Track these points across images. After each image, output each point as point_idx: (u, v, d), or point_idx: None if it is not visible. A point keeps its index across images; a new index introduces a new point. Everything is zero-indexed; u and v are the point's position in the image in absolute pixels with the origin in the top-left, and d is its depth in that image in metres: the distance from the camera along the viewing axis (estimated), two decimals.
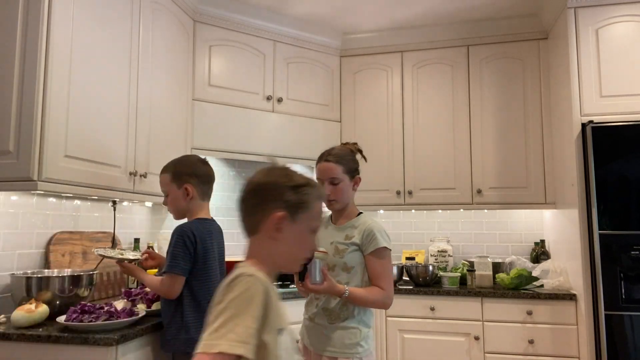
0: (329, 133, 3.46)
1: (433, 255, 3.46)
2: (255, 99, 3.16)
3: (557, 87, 3.02)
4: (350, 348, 1.75)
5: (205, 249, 1.86)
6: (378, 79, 3.51)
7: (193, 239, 1.82)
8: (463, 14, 3.25)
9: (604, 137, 2.60)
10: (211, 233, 1.92)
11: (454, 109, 3.35)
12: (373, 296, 1.76)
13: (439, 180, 3.32)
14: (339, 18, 3.32)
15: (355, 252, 1.81)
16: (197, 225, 1.87)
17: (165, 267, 1.81)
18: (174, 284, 1.79)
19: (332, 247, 1.84)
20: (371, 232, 1.79)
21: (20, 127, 1.77)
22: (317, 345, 1.81)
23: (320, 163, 1.88)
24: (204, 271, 1.86)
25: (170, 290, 1.80)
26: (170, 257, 1.80)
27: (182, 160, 1.97)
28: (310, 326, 1.86)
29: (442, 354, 2.90)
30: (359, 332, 1.77)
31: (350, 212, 1.91)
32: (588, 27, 2.75)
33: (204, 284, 1.86)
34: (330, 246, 1.85)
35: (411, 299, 2.98)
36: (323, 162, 1.87)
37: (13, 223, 2.06)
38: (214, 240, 1.93)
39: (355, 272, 1.80)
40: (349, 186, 1.88)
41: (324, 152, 1.91)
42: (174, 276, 1.79)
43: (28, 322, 1.73)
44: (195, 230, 1.84)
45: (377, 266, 1.79)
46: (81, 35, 1.99)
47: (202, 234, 1.86)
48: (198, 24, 2.99)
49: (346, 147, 1.96)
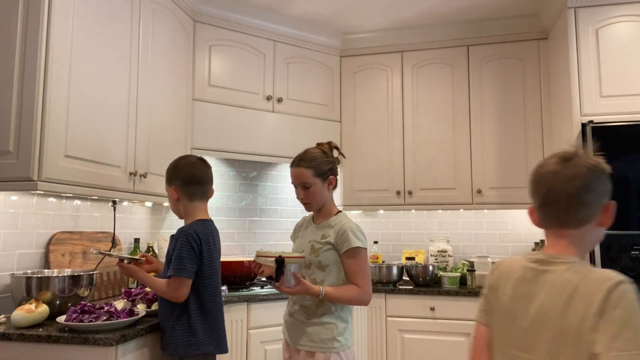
0: (329, 133, 3.46)
1: (433, 255, 3.46)
2: (255, 99, 3.16)
3: (557, 87, 3.02)
4: (327, 343, 1.80)
5: (209, 251, 1.86)
6: (378, 79, 3.51)
7: (198, 240, 1.82)
8: (463, 14, 3.25)
9: (604, 137, 2.60)
10: (212, 234, 1.92)
11: (454, 109, 3.35)
12: (349, 294, 1.82)
13: (439, 180, 3.32)
14: (339, 18, 3.32)
15: (330, 251, 1.86)
16: (200, 226, 1.87)
17: (172, 270, 1.78)
18: (181, 286, 1.78)
19: (309, 246, 1.90)
20: (345, 232, 1.84)
21: (20, 127, 1.77)
22: (296, 340, 1.86)
23: (292, 168, 1.94)
24: (209, 273, 1.86)
25: (178, 293, 1.78)
26: (177, 259, 1.78)
27: (174, 162, 1.97)
28: (289, 321, 1.92)
29: (442, 354, 2.90)
30: (335, 327, 1.82)
31: (328, 212, 1.96)
32: (588, 27, 2.75)
33: (208, 285, 1.86)
34: (307, 245, 1.91)
35: (411, 299, 2.98)
36: (294, 168, 1.93)
37: (13, 223, 2.06)
38: (216, 240, 1.94)
39: (330, 270, 1.85)
40: (322, 188, 1.93)
41: (295, 156, 1.95)
42: (182, 279, 1.77)
43: (28, 322, 1.73)
44: (199, 232, 1.84)
45: (352, 265, 1.83)
46: (81, 35, 1.99)
47: (206, 236, 1.87)
48: (198, 24, 2.99)
49: (319, 148, 1.97)
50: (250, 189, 3.51)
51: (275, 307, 2.68)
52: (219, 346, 1.87)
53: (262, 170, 3.57)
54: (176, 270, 1.77)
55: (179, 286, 1.78)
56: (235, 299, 2.55)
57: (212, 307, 1.87)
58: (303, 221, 2.07)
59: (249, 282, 2.96)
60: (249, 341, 2.59)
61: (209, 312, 1.86)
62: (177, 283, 1.77)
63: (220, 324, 1.90)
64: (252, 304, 2.61)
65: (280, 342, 2.69)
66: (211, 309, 1.87)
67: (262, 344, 2.63)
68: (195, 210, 1.93)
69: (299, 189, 1.92)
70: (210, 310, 1.86)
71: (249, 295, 2.61)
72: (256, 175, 3.54)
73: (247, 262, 2.91)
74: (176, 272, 1.77)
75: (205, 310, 1.84)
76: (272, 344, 2.65)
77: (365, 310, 3.02)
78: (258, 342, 2.61)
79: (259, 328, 2.63)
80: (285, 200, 3.65)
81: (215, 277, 1.90)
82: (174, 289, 1.78)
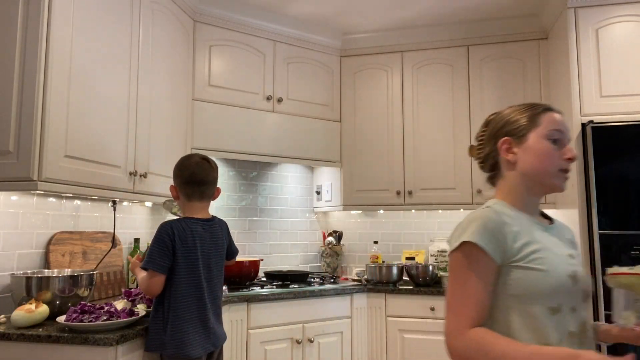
0: (329, 133, 3.46)
1: (433, 255, 3.46)
2: (255, 99, 3.16)
3: (557, 87, 3.02)
4: None
5: (186, 248, 1.83)
6: (378, 79, 3.51)
7: (172, 236, 1.81)
8: (463, 14, 3.25)
9: (604, 137, 2.60)
10: (194, 232, 1.87)
11: (454, 109, 3.35)
12: None
13: (439, 180, 3.32)
14: (339, 18, 3.32)
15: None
16: (181, 223, 1.86)
17: (143, 263, 1.80)
18: (149, 280, 1.77)
19: (575, 262, 1.19)
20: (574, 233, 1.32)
21: (20, 127, 1.77)
22: None
23: (553, 112, 1.26)
24: (186, 270, 1.83)
25: (148, 287, 1.78)
26: (148, 253, 1.80)
27: (179, 161, 1.98)
28: None
29: (442, 354, 2.90)
30: None
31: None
32: (588, 27, 2.75)
33: (183, 283, 1.82)
34: (568, 260, 1.17)
35: (411, 299, 2.98)
36: (557, 113, 1.26)
37: (13, 223, 2.06)
38: (196, 239, 1.87)
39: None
40: None
41: (541, 103, 1.31)
42: (151, 272, 1.78)
43: (28, 322, 1.73)
44: (176, 228, 1.82)
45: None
46: (81, 35, 1.99)
47: (183, 232, 1.84)
48: (198, 24, 2.99)
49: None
50: (250, 189, 3.51)
51: (275, 307, 2.68)
52: (181, 350, 1.76)
53: (262, 170, 3.57)
54: (145, 262, 1.78)
55: (148, 280, 1.78)
56: (235, 299, 2.55)
57: (185, 305, 1.81)
58: (510, 219, 1.17)
59: (249, 282, 2.96)
60: (249, 341, 2.59)
61: (177, 313, 1.79)
62: (147, 277, 1.78)
63: (188, 326, 1.80)
64: (252, 304, 2.61)
65: (280, 342, 2.71)
66: (183, 308, 1.80)
67: (262, 344, 2.63)
68: (192, 209, 1.93)
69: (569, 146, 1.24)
70: (183, 308, 1.80)
71: (249, 295, 2.61)
72: (256, 175, 3.54)
73: (247, 262, 2.91)
74: (145, 264, 1.78)
75: (177, 308, 1.80)
76: (272, 344, 2.65)
77: (365, 311, 3.02)
78: (258, 342, 2.61)
79: (259, 328, 2.63)
80: (285, 200, 3.65)
81: (194, 276, 1.84)
82: (144, 282, 1.79)
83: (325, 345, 2.84)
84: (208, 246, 1.92)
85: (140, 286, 1.83)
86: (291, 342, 2.73)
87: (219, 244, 1.98)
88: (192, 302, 1.84)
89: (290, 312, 2.74)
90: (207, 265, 1.91)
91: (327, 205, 3.64)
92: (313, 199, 3.79)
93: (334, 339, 2.88)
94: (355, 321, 2.98)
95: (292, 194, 3.70)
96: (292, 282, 3.00)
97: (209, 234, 1.93)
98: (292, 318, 2.75)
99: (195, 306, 1.84)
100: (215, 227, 1.98)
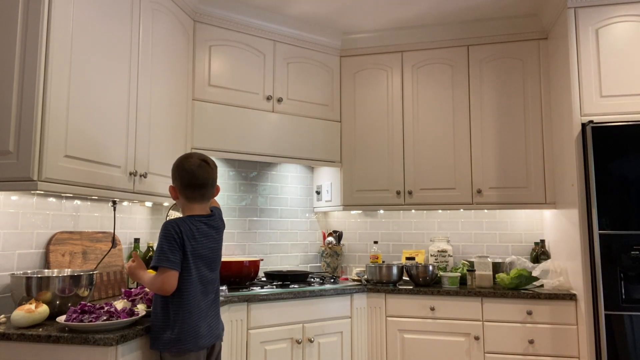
0: (329, 133, 3.46)
1: (433, 255, 3.47)
2: (255, 99, 3.16)
3: (557, 87, 3.02)
4: None
5: (192, 246, 1.83)
6: (378, 79, 3.51)
7: (180, 233, 1.80)
8: (463, 14, 3.25)
9: (604, 137, 2.60)
10: (200, 230, 1.87)
11: (454, 109, 3.35)
12: None
13: (439, 180, 3.32)
14: (339, 18, 3.32)
15: None
16: (186, 221, 1.85)
17: (154, 261, 1.77)
18: (163, 277, 1.75)
19: None
20: None
21: (20, 127, 1.77)
22: None
23: None
24: (195, 267, 1.83)
25: (163, 285, 1.75)
26: (158, 251, 1.77)
27: (177, 161, 1.94)
28: None
29: (442, 354, 2.90)
30: None
31: None
32: (588, 27, 2.76)
33: (189, 280, 1.82)
34: None
35: (411, 299, 2.98)
36: None
37: (13, 223, 2.06)
38: (202, 236, 1.87)
39: None
40: None
41: None
42: (164, 270, 1.75)
43: (28, 322, 1.73)
44: (181, 226, 1.82)
45: None
46: (81, 35, 1.99)
47: (190, 231, 1.83)
48: (198, 24, 2.99)
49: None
50: (250, 189, 3.51)
51: (275, 307, 2.68)
52: (195, 344, 1.79)
53: (262, 170, 3.57)
54: (157, 260, 1.75)
55: (161, 277, 1.75)
56: (235, 299, 2.55)
57: (193, 302, 1.81)
58: None
59: (249, 282, 2.96)
60: (249, 341, 2.59)
61: (190, 308, 1.80)
62: (160, 274, 1.75)
63: (199, 321, 1.82)
64: (252, 304, 2.61)
65: (280, 342, 2.71)
66: (192, 305, 1.80)
67: (262, 344, 2.63)
68: (192, 209, 1.93)
69: None
70: (191, 305, 1.80)
71: (249, 295, 2.61)
72: (256, 175, 3.54)
73: (247, 262, 2.91)
74: (157, 262, 1.75)
75: (184, 305, 1.79)
76: (272, 344, 2.66)
77: (365, 310, 3.02)
78: (258, 342, 2.61)
79: (259, 328, 2.63)
80: (285, 200, 3.66)
81: (200, 272, 1.85)
82: (155, 281, 1.76)
83: (325, 345, 2.84)
84: (213, 241, 1.93)
85: (152, 286, 1.78)
86: (291, 342, 2.73)
87: (220, 237, 1.99)
88: (201, 297, 1.85)
89: (290, 312, 2.74)
90: (213, 259, 1.92)
91: (327, 205, 3.64)
92: (313, 199, 3.79)
93: (334, 339, 2.88)
94: (355, 321, 2.98)
95: (292, 194, 3.70)
96: (292, 282, 3.00)
97: (213, 230, 1.94)
98: (292, 318, 2.75)
99: (203, 301, 1.85)
100: (216, 221, 1.97)
